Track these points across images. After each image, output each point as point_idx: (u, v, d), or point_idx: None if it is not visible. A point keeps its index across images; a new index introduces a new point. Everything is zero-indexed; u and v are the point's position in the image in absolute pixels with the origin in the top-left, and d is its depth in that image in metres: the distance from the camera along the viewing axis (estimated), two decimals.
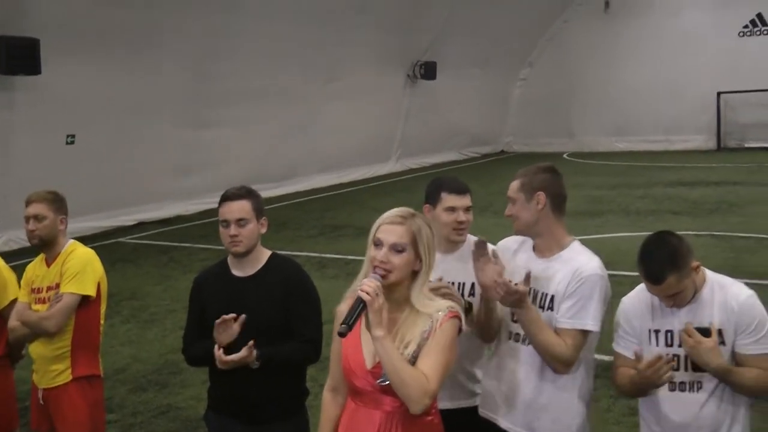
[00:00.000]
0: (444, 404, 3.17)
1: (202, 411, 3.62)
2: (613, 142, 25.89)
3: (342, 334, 2.51)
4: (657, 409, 3.04)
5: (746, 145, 24.05)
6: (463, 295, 3.41)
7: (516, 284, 2.94)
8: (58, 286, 4.01)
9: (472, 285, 3.37)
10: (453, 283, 3.40)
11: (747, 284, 3.04)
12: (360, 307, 2.52)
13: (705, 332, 2.88)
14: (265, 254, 3.42)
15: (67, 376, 4.03)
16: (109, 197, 13.90)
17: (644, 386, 2.95)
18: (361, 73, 19.04)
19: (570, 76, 25.91)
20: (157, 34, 13.57)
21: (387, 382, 2.57)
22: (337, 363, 2.81)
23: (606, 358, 3.42)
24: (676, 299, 2.91)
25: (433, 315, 2.63)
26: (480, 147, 26.03)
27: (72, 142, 13.17)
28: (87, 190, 13.00)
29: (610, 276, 3.13)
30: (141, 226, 14.48)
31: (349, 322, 2.50)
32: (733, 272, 8.73)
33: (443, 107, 22.76)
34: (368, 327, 2.54)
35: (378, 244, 2.66)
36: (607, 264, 3.26)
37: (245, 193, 3.37)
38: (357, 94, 19.14)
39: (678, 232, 3.16)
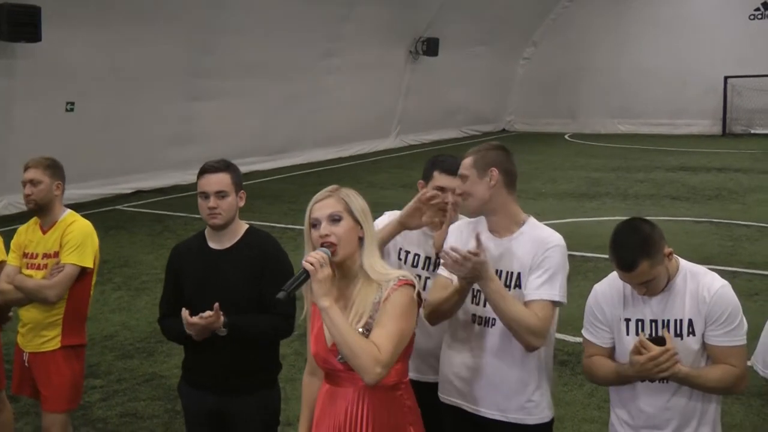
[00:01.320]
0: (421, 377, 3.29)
1: None
2: (615, 124, 25.75)
3: (279, 300, 2.53)
4: (627, 397, 3.00)
5: (752, 131, 23.87)
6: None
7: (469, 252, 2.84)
8: (56, 254, 4.03)
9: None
10: (436, 260, 3.38)
11: (744, 274, 3.01)
12: (302, 277, 2.52)
13: (660, 341, 2.81)
14: (242, 227, 3.40)
15: (56, 344, 4.07)
16: (108, 165, 13.89)
17: (638, 378, 2.88)
18: (361, 48, 18.89)
19: (574, 57, 25.72)
20: (157, 4, 13.47)
21: (344, 359, 2.58)
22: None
23: None
24: (649, 287, 2.86)
25: (383, 284, 2.64)
26: (481, 125, 25.93)
27: (71, 110, 13.13)
28: (86, 157, 13.01)
29: (602, 260, 3.12)
30: (138, 194, 14.46)
31: (288, 290, 2.52)
32: (730, 261, 8.83)
33: (445, 84, 22.64)
34: (314, 300, 2.54)
35: (315, 224, 2.68)
36: (601, 247, 3.24)
37: (224, 166, 3.36)
38: (357, 69, 19.01)
39: (676, 219, 3.11)
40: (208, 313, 3.11)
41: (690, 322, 2.87)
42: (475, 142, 23.41)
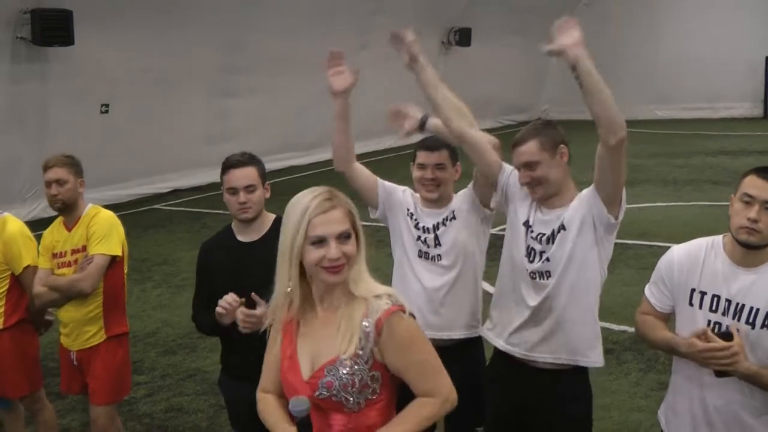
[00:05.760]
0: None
1: None
2: (653, 110, 25.34)
3: None
4: (687, 379, 2.86)
5: None
6: (436, 227, 3.60)
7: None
8: (84, 248, 4.06)
9: (442, 220, 3.57)
10: (427, 228, 3.61)
11: None
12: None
13: (728, 337, 2.63)
14: (270, 218, 3.43)
15: (100, 337, 4.13)
16: (144, 165, 13.98)
17: (689, 358, 2.76)
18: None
19: (609, 42, 25.28)
20: (188, 3, 13.54)
21: (325, 395, 2.21)
22: (273, 367, 2.42)
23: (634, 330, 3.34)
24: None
25: (370, 300, 2.24)
26: (516, 115, 25.73)
27: (106, 112, 13.25)
28: (122, 158, 13.15)
29: (644, 247, 3.09)
30: (175, 193, 14.57)
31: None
32: None
33: (478, 74, 22.46)
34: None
35: (319, 242, 2.20)
36: (643, 234, 3.21)
37: (249, 159, 3.40)
38: (390, 62, 18.76)
39: (717, 203, 3.04)
40: (261, 310, 3.04)
41: (767, 315, 2.70)
42: (511, 132, 23.26)
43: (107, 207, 4.34)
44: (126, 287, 4.30)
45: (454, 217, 3.59)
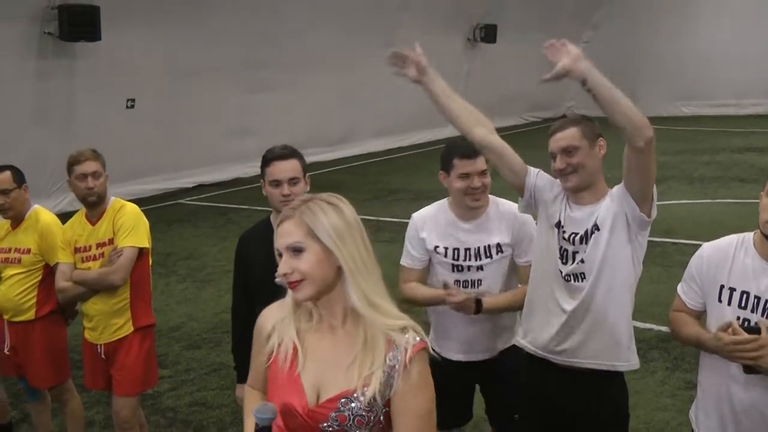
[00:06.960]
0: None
1: None
2: (678, 106, 25.10)
3: None
4: (714, 378, 2.83)
5: None
6: (478, 256, 3.51)
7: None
8: (110, 242, 4.07)
9: (486, 248, 3.49)
10: (468, 249, 3.51)
11: None
12: None
13: (755, 331, 2.62)
14: None
15: (128, 329, 4.15)
16: (169, 160, 14.08)
17: (717, 353, 2.73)
18: (420, 37, 18.53)
19: (635, 39, 25.13)
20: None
21: (335, 428, 2.04)
22: (262, 370, 2.23)
23: (663, 328, 3.30)
24: None
25: (397, 340, 2.03)
26: (541, 112, 25.59)
27: (132, 107, 13.36)
28: (147, 152, 13.25)
29: (670, 245, 3.05)
30: (200, 188, 14.64)
31: None
32: None
33: (503, 71, 22.38)
34: None
35: (279, 255, 2.10)
36: (668, 232, 3.16)
37: (292, 151, 3.38)
38: None
39: (744, 201, 3.00)
40: None
41: None
42: (536, 129, 23.23)
43: (132, 201, 4.37)
44: (151, 279, 4.33)
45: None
